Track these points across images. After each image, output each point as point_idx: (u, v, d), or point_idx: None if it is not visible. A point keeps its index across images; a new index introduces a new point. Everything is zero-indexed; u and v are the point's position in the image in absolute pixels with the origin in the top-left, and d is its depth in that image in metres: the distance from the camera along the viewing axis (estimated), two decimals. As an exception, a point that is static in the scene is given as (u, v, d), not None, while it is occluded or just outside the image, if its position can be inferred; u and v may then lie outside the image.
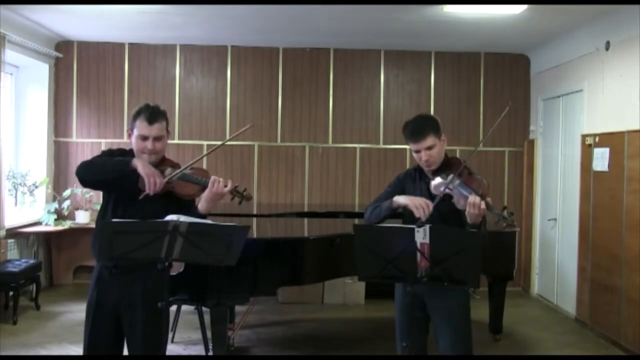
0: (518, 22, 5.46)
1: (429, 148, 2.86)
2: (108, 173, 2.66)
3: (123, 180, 2.66)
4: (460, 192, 2.73)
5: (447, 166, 2.90)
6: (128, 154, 2.82)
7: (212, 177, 2.74)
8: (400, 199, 2.85)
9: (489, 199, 2.73)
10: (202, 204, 2.77)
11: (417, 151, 2.90)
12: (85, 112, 6.88)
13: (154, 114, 2.75)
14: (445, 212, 2.81)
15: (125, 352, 2.82)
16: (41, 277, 5.94)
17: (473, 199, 2.64)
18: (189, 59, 6.95)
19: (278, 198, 6.97)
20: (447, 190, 2.75)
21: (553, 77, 6.45)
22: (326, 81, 7.02)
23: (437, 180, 2.83)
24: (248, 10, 5.30)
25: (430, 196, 2.82)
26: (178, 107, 6.91)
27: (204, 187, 2.75)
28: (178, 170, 2.74)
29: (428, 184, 2.89)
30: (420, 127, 2.89)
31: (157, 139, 2.75)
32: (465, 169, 2.84)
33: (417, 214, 2.70)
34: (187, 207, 2.78)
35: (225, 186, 2.73)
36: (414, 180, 3.01)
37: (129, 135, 2.83)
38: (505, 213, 2.66)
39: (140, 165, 2.64)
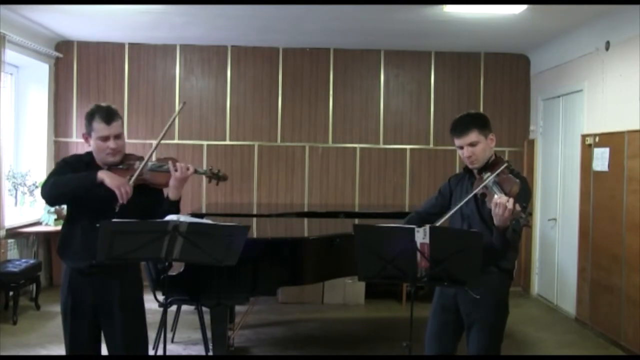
0: (518, 22, 5.46)
1: (472, 144, 2.81)
2: (74, 190, 2.63)
3: (92, 191, 2.62)
4: (493, 192, 2.63)
5: (492, 165, 2.83)
6: (83, 158, 2.80)
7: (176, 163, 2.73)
8: None
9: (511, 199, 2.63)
10: (171, 192, 2.75)
11: (460, 147, 2.85)
12: (85, 112, 6.86)
13: (109, 113, 2.73)
14: (485, 214, 2.72)
15: (104, 352, 2.83)
16: (41, 277, 5.95)
17: (497, 198, 2.49)
18: (189, 59, 6.95)
19: (278, 198, 6.97)
20: (483, 190, 2.67)
21: (553, 77, 6.45)
22: (326, 81, 7.01)
23: (478, 179, 2.78)
24: (248, 10, 5.30)
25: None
26: (178, 107, 6.91)
27: None
28: (145, 162, 2.74)
29: (473, 183, 2.83)
30: (463, 123, 2.85)
31: (117, 137, 2.73)
32: (506, 168, 2.75)
33: None
34: (159, 198, 2.79)
35: (188, 169, 2.71)
36: (462, 180, 2.96)
37: (86, 140, 2.79)
38: (522, 213, 2.53)
39: (107, 178, 2.60)
